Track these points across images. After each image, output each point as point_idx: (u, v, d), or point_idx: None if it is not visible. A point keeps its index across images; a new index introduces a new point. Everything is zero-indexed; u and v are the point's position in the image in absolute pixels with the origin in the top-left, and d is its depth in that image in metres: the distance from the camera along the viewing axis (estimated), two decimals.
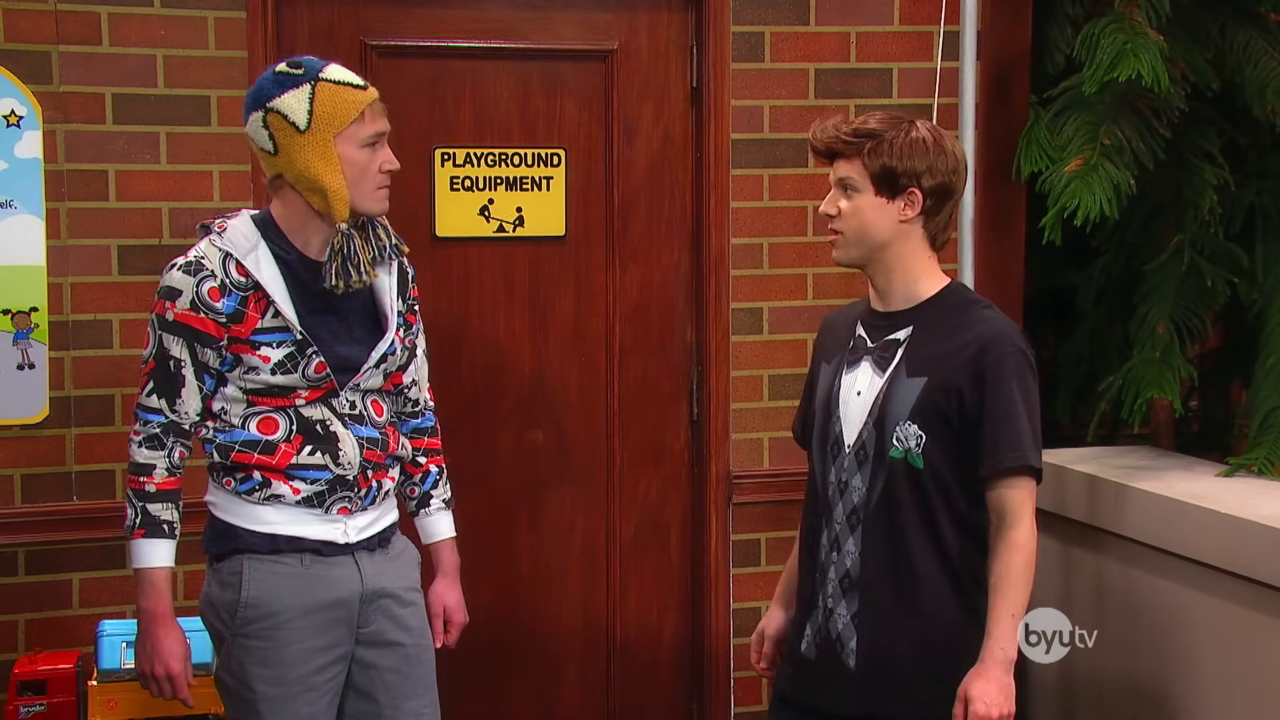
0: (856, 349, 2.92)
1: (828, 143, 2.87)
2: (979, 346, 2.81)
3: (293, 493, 2.99)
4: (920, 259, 2.89)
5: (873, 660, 2.83)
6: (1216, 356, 4.64)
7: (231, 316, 2.95)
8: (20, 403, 3.76)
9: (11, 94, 3.74)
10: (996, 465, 2.80)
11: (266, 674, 2.99)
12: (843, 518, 2.87)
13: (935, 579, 2.84)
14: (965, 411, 2.79)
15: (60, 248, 3.78)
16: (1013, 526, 2.83)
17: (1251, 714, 3.66)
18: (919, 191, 2.81)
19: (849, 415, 2.88)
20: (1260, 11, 4.22)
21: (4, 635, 3.76)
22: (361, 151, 2.99)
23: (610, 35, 4.19)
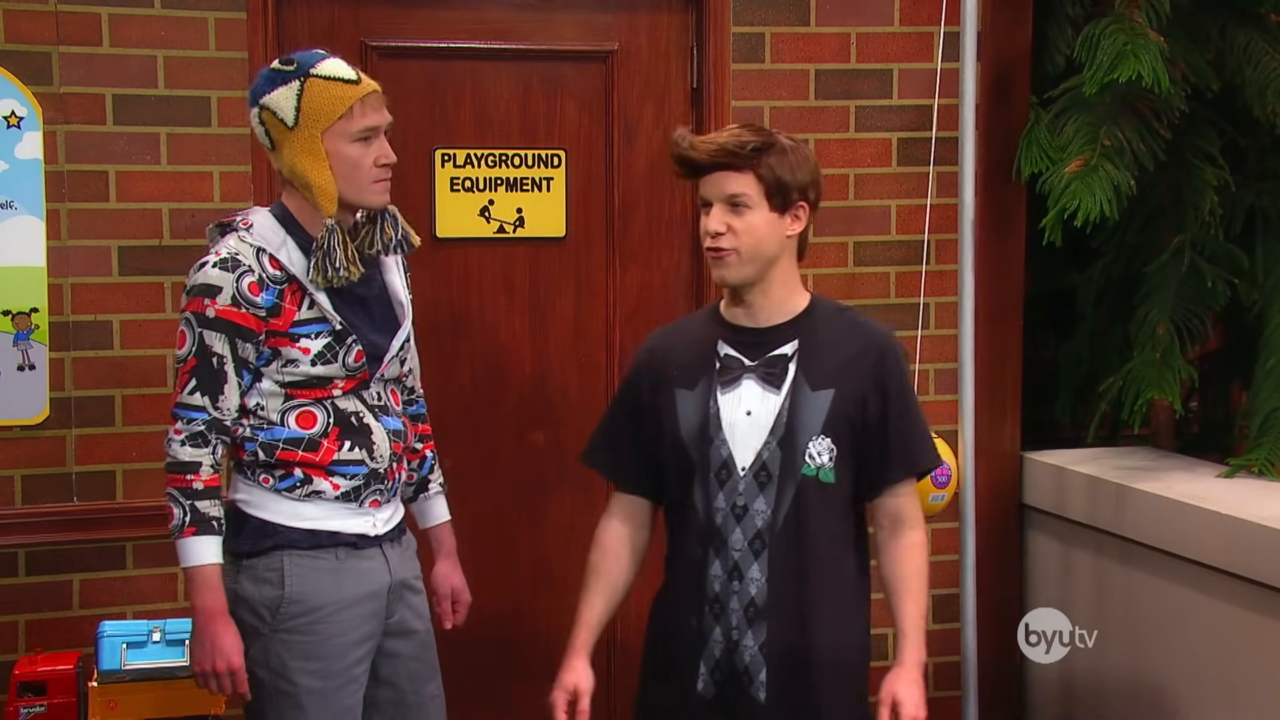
0: (729, 370, 2.81)
1: (715, 156, 2.75)
2: (877, 353, 2.79)
3: (333, 488, 3.02)
4: (794, 272, 2.84)
5: (785, 689, 2.75)
6: (1217, 358, 4.66)
7: (270, 310, 2.96)
8: (20, 403, 3.75)
9: (12, 95, 3.74)
10: (911, 469, 2.82)
11: (310, 667, 3.02)
12: (742, 544, 2.76)
13: (842, 596, 2.80)
14: (869, 420, 2.76)
15: (61, 249, 3.78)
16: (913, 527, 2.83)
17: (1252, 715, 3.67)
18: (806, 204, 2.77)
19: (738, 437, 2.78)
20: (1260, 13, 4.24)
21: (4, 636, 3.76)
22: (352, 146, 2.98)
23: (610, 36, 4.19)
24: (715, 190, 2.74)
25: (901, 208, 4.35)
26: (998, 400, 4.41)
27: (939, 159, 4.26)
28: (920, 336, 4.29)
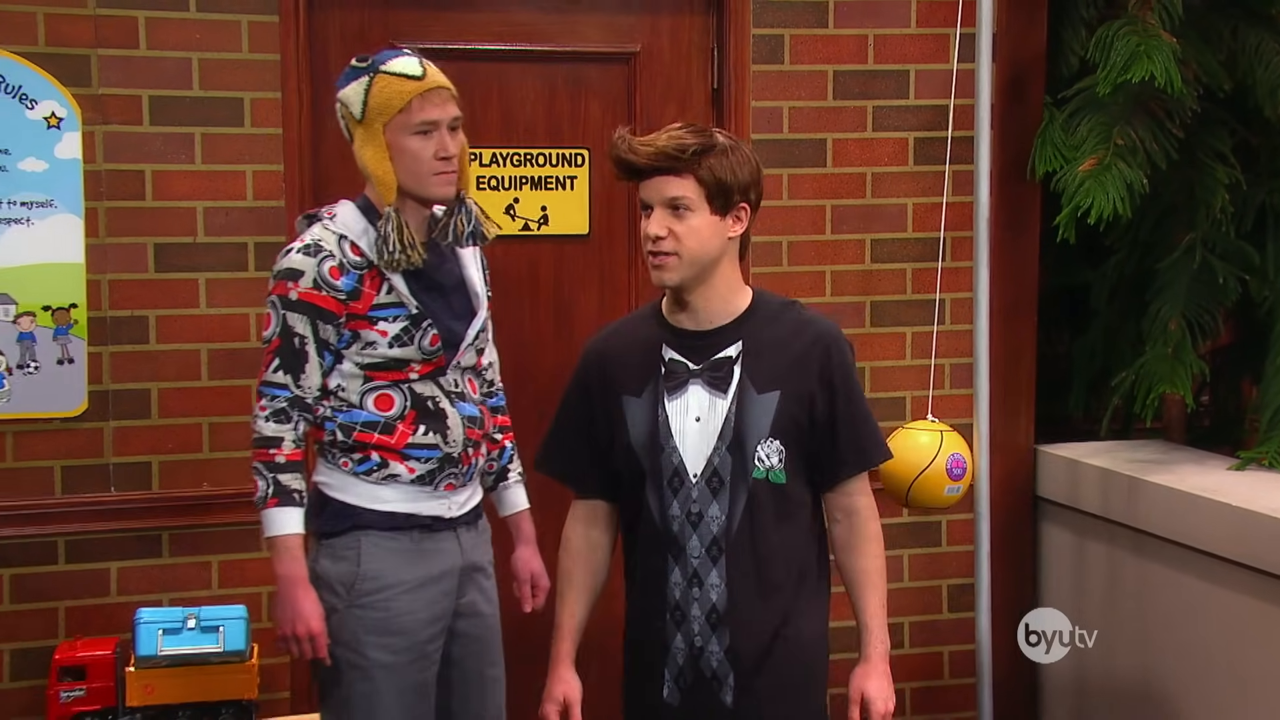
0: (674, 375, 2.73)
1: (655, 159, 2.65)
2: (821, 350, 2.72)
3: (408, 472, 3.07)
4: (735, 272, 2.76)
5: (753, 692, 2.70)
6: (1228, 352, 4.65)
7: (350, 294, 3.03)
8: (60, 396, 3.78)
9: (52, 96, 3.77)
10: (863, 464, 2.76)
11: (382, 642, 3.07)
12: (700, 551, 2.70)
13: (801, 595, 2.74)
14: (817, 417, 2.70)
15: (99, 246, 3.81)
16: (869, 520, 2.78)
17: (1263, 703, 3.68)
18: (748, 206, 2.71)
19: (689, 444, 2.71)
20: (1272, 14, 4.25)
21: (45, 622, 3.80)
22: (412, 139, 3.04)
23: (633, 38, 4.20)
24: (656, 194, 2.66)
25: (918, 205, 4.35)
26: (1012, 394, 4.42)
27: (955, 158, 4.25)
28: (936, 332, 4.29)
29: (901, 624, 4.40)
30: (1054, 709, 4.53)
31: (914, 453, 3.97)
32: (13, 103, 3.74)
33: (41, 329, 3.79)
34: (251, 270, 3.92)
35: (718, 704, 2.70)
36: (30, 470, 3.78)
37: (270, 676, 3.88)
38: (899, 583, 4.39)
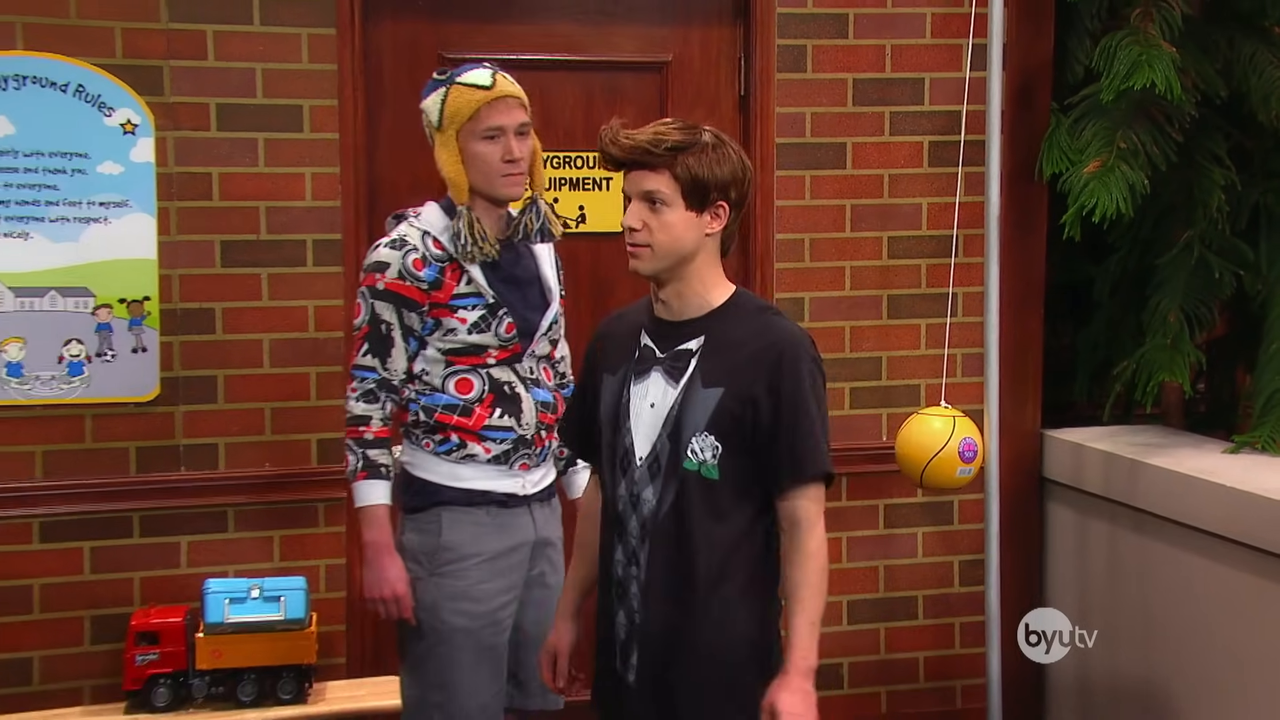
0: (644, 360, 2.65)
1: (633, 154, 2.57)
2: (774, 355, 2.58)
3: (485, 452, 3.15)
4: (713, 268, 2.65)
5: (653, 676, 2.61)
6: (1223, 343, 4.62)
7: (432, 284, 3.12)
8: (135, 382, 3.83)
9: (128, 104, 3.81)
10: (799, 475, 2.57)
11: (460, 608, 3.15)
12: (637, 531, 2.62)
13: (725, 591, 2.59)
14: (760, 421, 2.56)
15: (170, 243, 3.85)
16: (807, 534, 2.58)
17: (1256, 674, 3.69)
18: (726, 204, 2.59)
19: (640, 427, 2.63)
20: (1265, 26, 4.23)
21: (122, 591, 3.85)
22: (481, 144, 3.12)
23: (665, 48, 4.22)
24: (633, 186, 2.59)
25: (932, 205, 4.36)
26: (1020, 382, 4.42)
27: (967, 160, 4.24)
28: (949, 324, 4.29)
29: (915, 597, 4.46)
30: (1060, 677, 4.50)
31: (928, 437, 3.99)
32: (92, 110, 3.78)
33: (118, 320, 3.83)
34: (310, 265, 3.97)
35: (626, 681, 2.65)
36: (108, 450, 3.83)
37: (327, 643, 3.95)
38: (913, 558, 4.44)
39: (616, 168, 2.63)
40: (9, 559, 3.80)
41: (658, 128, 2.58)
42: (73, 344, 3.81)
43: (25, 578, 3.81)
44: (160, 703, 3.59)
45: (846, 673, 4.43)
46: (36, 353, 3.79)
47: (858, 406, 4.38)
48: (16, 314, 3.78)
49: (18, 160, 3.75)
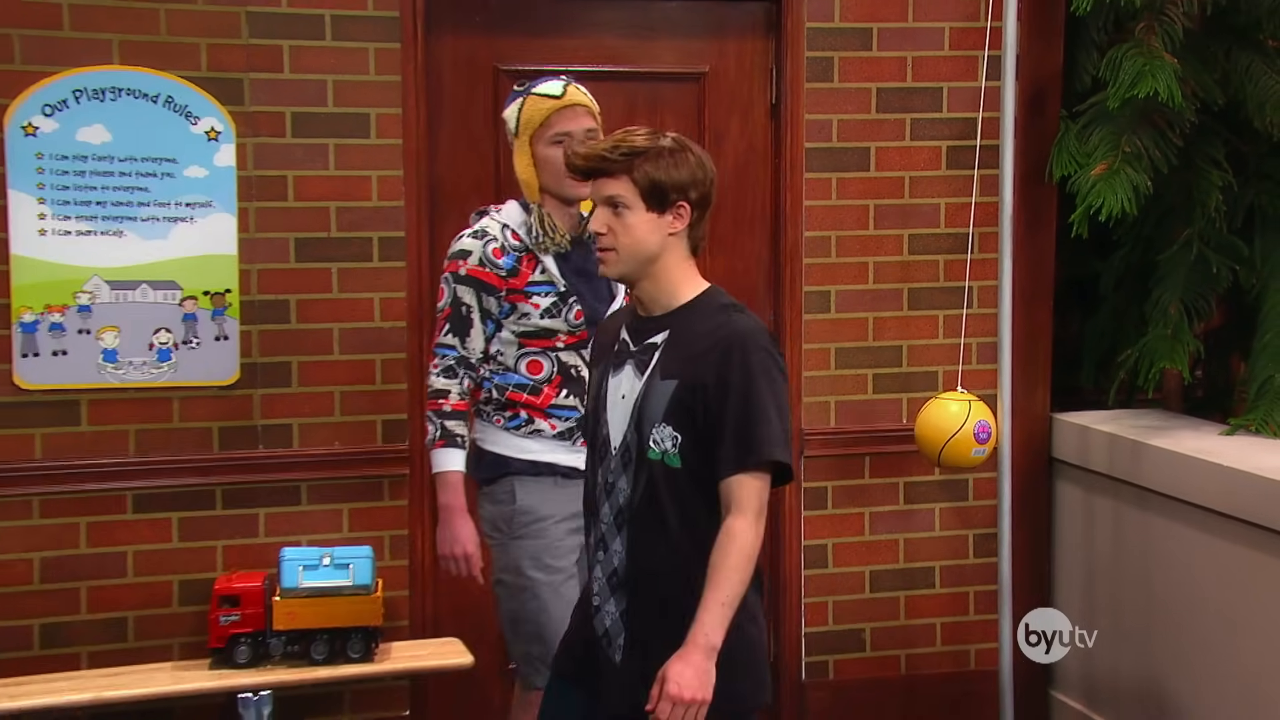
0: (621, 353, 2.64)
1: (592, 162, 2.56)
2: (724, 347, 2.52)
3: (551, 428, 3.27)
4: (681, 266, 2.61)
5: (639, 656, 2.55)
6: (1220, 333, 4.60)
7: (509, 271, 3.24)
8: (217, 367, 3.89)
9: (212, 114, 3.86)
10: (739, 461, 2.49)
11: (540, 564, 3.24)
12: (609, 517, 2.59)
13: (697, 576, 2.49)
14: (709, 409, 2.50)
15: (249, 240, 3.90)
16: (736, 516, 2.49)
17: (1249, 640, 3.72)
18: (687, 204, 2.56)
19: (614, 418, 2.61)
20: (1260, 39, 4.23)
21: (206, 558, 3.92)
22: (550, 148, 3.23)
23: (703, 60, 4.24)
24: (598, 193, 2.57)
25: (949, 205, 4.37)
26: (1031, 369, 4.42)
27: (982, 163, 4.22)
28: (965, 315, 4.29)
29: (933, 567, 4.47)
30: None
31: (945, 420, 4.00)
32: (180, 119, 3.83)
33: (202, 310, 3.88)
34: (376, 261, 4.00)
35: (608, 660, 2.60)
36: (193, 430, 3.89)
37: (392, 607, 3.98)
38: (931, 532, 4.46)
39: (584, 178, 2.62)
40: (106, 528, 3.85)
41: (617, 136, 2.57)
42: (162, 332, 3.86)
43: (121, 545, 3.87)
44: (241, 659, 3.64)
45: (869, 637, 4.47)
46: (130, 340, 3.84)
47: (880, 392, 4.39)
48: (112, 305, 3.82)
49: (113, 165, 3.80)
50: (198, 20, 3.84)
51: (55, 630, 3.86)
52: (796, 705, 4.44)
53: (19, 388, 3.79)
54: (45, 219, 3.78)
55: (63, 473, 3.83)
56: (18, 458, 3.80)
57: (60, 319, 3.80)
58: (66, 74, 3.77)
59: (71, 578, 3.86)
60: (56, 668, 3.81)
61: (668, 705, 2.40)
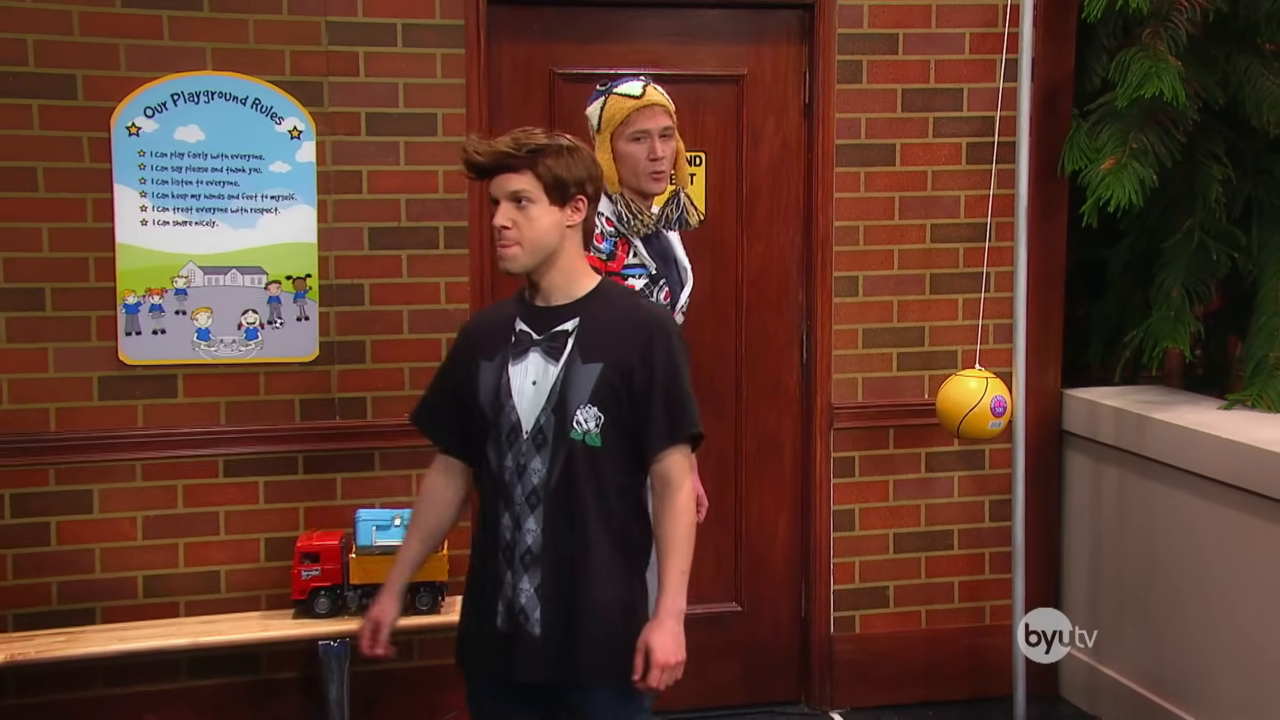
0: (520, 344, 2.58)
1: (496, 158, 2.51)
2: (646, 331, 2.54)
3: None
4: (580, 257, 2.60)
5: (556, 628, 2.53)
6: (1218, 315, 4.60)
7: (609, 255, 3.23)
8: (299, 345, 3.93)
9: (295, 114, 3.89)
10: (671, 437, 2.54)
11: None
12: (522, 499, 2.54)
13: (608, 549, 2.54)
14: (635, 390, 2.52)
15: (327, 230, 3.93)
16: (677, 491, 2.55)
17: (1249, 601, 3.73)
18: (584, 197, 2.55)
19: (524, 404, 2.54)
20: (1258, 43, 4.23)
21: (289, 519, 3.97)
22: (630, 145, 3.23)
23: (741, 63, 4.23)
24: (500, 189, 2.53)
25: (969, 197, 4.37)
26: (1043, 348, 4.42)
27: (1000, 159, 4.24)
28: (983, 299, 4.31)
29: (952, 530, 4.48)
30: (1073, 599, 4.54)
31: (964, 395, 4.00)
32: (265, 119, 3.86)
33: (285, 293, 3.91)
34: (441, 248, 4.02)
35: (529, 635, 2.54)
36: (277, 402, 3.93)
37: (456, 564, 3.87)
38: (950, 498, 4.46)
39: (482, 175, 2.55)
40: (201, 490, 3.91)
41: (517, 134, 2.54)
42: (249, 313, 3.90)
43: (213, 505, 3.93)
44: (321, 610, 3.70)
45: (892, 594, 4.49)
46: (221, 321, 3.88)
47: (903, 369, 4.39)
48: (205, 289, 3.86)
49: (206, 162, 3.83)
50: (282, 29, 3.88)
51: (156, 581, 3.92)
52: (825, 656, 4.47)
53: (124, 363, 3.84)
54: (146, 210, 3.82)
55: (162, 440, 3.88)
56: (122, 426, 3.85)
57: (159, 301, 3.85)
58: (165, 79, 3.81)
59: (170, 535, 3.91)
60: (158, 615, 3.89)
61: (657, 672, 2.48)
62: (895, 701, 4.50)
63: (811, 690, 4.51)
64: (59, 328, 3.82)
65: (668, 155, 3.25)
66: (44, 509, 3.83)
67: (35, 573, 3.84)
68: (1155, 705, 4.14)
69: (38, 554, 3.83)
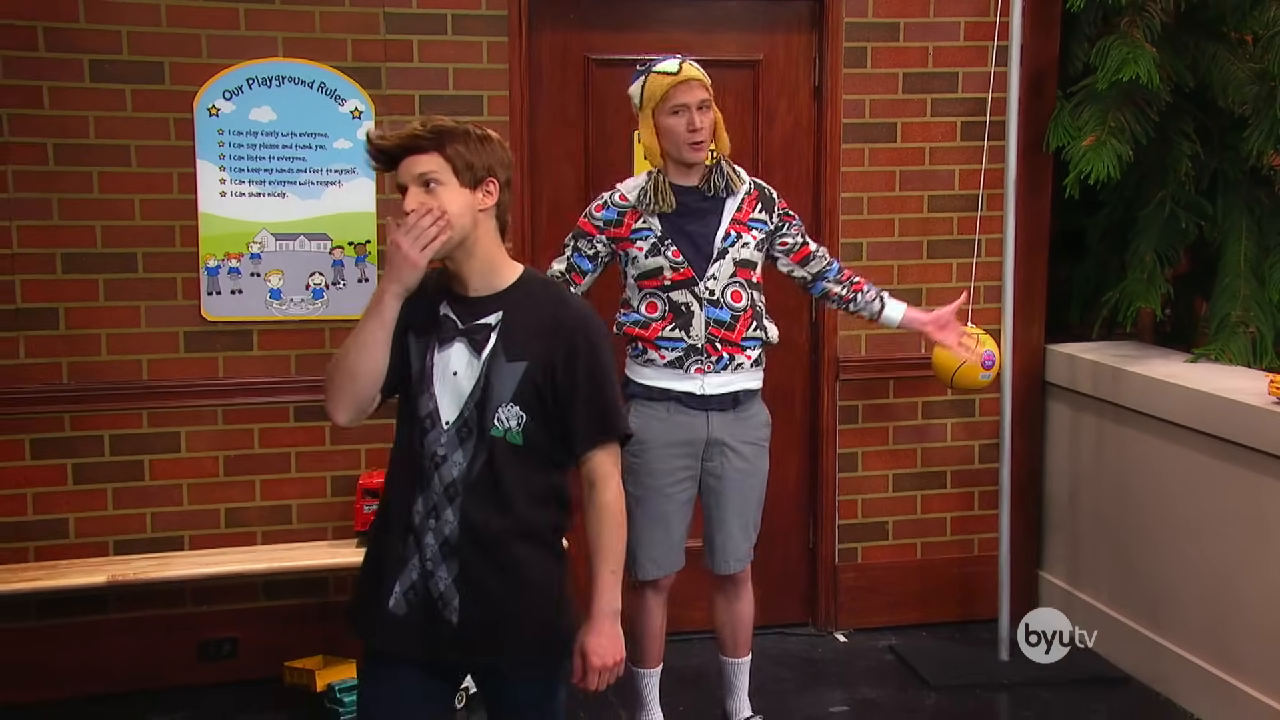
0: (447, 330, 2.34)
1: (403, 140, 2.29)
2: (570, 329, 2.34)
3: (660, 358, 3.29)
4: (496, 246, 2.36)
5: (476, 618, 2.33)
6: (1186, 278, 4.61)
7: (606, 223, 3.28)
8: (360, 304, 3.53)
9: (356, 96, 3.93)
10: (600, 437, 2.36)
11: (637, 480, 3.29)
12: (441, 489, 2.31)
13: (529, 543, 2.35)
14: (560, 390, 2.32)
15: (384, 200, 3.95)
16: (604, 489, 2.37)
17: (1211, 533, 3.79)
18: (496, 181, 2.32)
19: (445, 393, 2.32)
20: (1224, 31, 4.28)
21: (351, 458, 4.02)
22: (669, 118, 3.22)
23: (758, 50, 4.26)
24: (408, 173, 2.30)
25: (963, 171, 4.39)
26: (1029, 307, 4.45)
27: (990, 136, 4.29)
28: (974, 263, 4.33)
29: (945, 471, 4.52)
30: (1053, 532, 4.59)
31: None
32: (330, 101, 3.91)
33: (347, 258, 3.95)
34: None
35: (444, 621, 2.33)
36: None
37: None
38: (944, 442, 4.50)
39: (388, 162, 2.33)
40: (274, 433, 3.98)
41: (421, 119, 2.35)
42: (316, 275, 3.94)
43: (285, 447, 4.00)
44: None
45: (891, 528, 4.53)
46: (291, 282, 3.92)
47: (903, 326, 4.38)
48: (277, 253, 3.90)
49: (278, 139, 3.87)
50: (345, 19, 3.92)
51: (236, 514, 4.00)
52: (830, 584, 4.53)
53: (206, 320, 3.91)
54: (225, 183, 3.87)
55: (239, 388, 3.95)
56: (205, 376, 3.93)
57: (236, 264, 3.90)
58: (241, 65, 3.86)
59: (247, 472, 3.99)
60: (237, 543, 3.99)
61: (595, 675, 2.36)
62: (892, 623, 4.55)
63: (818, 613, 4.57)
64: (149, 288, 3.91)
65: (706, 126, 3.21)
66: (138, 448, 3.93)
67: (132, 504, 3.95)
68: (1124, 625, 4.20)
69: (134, 488, 3.94)
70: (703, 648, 4.16)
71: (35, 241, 3.83)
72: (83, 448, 3.90)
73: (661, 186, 3.27)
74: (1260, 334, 4.12)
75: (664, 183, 3.28)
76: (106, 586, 3.78)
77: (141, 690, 3.97)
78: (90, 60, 3.80)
